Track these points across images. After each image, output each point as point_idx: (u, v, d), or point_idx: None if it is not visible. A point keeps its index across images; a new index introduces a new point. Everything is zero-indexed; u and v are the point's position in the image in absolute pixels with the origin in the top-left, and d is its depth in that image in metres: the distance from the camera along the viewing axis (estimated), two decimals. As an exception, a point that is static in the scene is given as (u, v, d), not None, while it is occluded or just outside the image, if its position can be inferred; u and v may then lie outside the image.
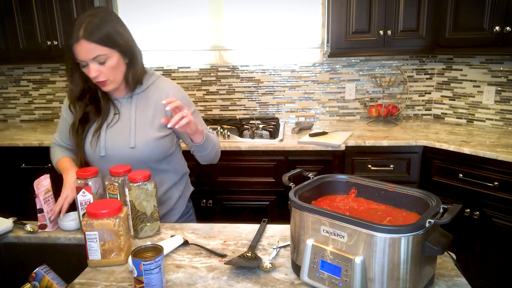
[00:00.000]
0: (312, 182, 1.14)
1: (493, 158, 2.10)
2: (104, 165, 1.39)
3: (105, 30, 1.28)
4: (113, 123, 1.43)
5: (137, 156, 1.40)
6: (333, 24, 2.62)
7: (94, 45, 1.26)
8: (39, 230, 1.33)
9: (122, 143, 1.40)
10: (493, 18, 2.26)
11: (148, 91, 1.45)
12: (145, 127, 1.41)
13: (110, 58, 1.31)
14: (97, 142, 1.41)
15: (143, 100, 1.44)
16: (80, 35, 1.25)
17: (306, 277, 0.98)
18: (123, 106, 1.44)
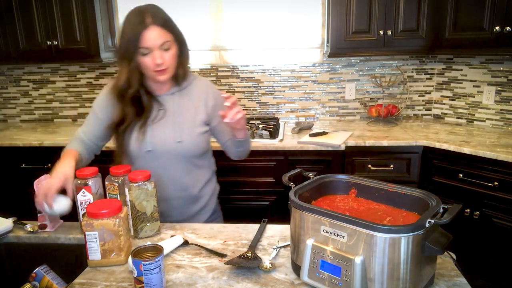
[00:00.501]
0: (312, 182, 1.14)
1: (493, 158, 2.10)
2: (149, 160, 1.43)
3: (168, 18, 1.37)
4: (157, 118, 1.45)
5: (182, 151, 1.44)
6: (333, 24, 2.62)
7: (163, 31, 1.33)
8: (39, 230, 1.33)
9: (168, 137, 1.43)
10: (493, 18, 2.26)
11: (188, 89, 1.50)
12: (189, 123, 1.46)
13: (172, 46, 1.37)
14: (143, 138, 1.42)
15: (184, 97, 1.49)
16: (149, 21, 1.31)
17: (306, 277, 0.98)
18: (167, 102, 1.47)
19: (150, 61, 1.34)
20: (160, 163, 1.44)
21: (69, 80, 3.20)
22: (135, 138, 1.42)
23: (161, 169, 1.43)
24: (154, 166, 1.40)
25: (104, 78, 3.16)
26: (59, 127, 3.06)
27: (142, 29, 1.30)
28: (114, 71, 3.13)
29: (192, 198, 1.52)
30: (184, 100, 1.48)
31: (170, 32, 1.35)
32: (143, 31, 1.30)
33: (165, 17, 1.37)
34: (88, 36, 2.73)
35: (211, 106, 1.51)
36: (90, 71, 3.16)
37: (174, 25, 1.39)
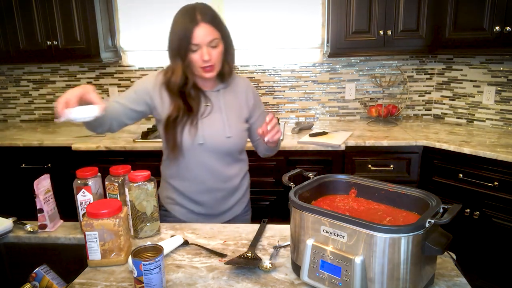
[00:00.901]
0: (312, 182, 1.14)
1: (493, 158, 2.10)
2: (201, 153, 1.48)
3: (217, 16, 1.42)
4: (206, 113, 1.49)
5: (230, 145, 1.50)
6: (333, 24, 2.62)
7: (212, 28, 1.37)
8: (39, 230, 1.33)
9: (218, 132, 1.48)
10: (493, 18, 2.26)
11: (231, 86, 1.56)
12: (234, 119, 1.52)
13: (220, 43, 1.41)
14: (196, 131, 1.45)
15: (228, 94, 1.54)
16: (200, 19, 1.35)
17: (306, 277, 0.98)
18: (213, 99, 1.51)
19: (198, 57, 1.38)
20: (209, 155, 1.49)
21: (69, 80, 3.20)
22: (187, 131, 1.45)
23: (209, 161, 1.49)
24: (203, 159, 1.48)
25: (104, 78, 3.16)
26: (59, 127, 3.06)
27: (193, 26, 1.34)
28: (114, 71, 3.13)
29: (232, 189, 1.57)
30: (229, 97, 1.54)
31: (218, 30, 1.39)
32: (194, 28, 1.34)
33: (214, 14, 1.40)
34: (88, 36, 2.73)
35: (252, 105, 1.58)
36: (90, 71, 3.16)
37: (221, 22, 1.43)
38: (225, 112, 1.51)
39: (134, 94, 1.49)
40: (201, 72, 1.42)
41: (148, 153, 2.49)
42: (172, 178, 1.56)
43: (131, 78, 3.13)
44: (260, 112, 1.63)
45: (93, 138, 2.65)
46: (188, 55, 1.39)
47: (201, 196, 1.53)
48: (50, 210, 1.33)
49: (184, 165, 1.51)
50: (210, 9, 1.41)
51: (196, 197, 1.54)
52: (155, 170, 1.49)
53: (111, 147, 2.49)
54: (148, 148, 2.47)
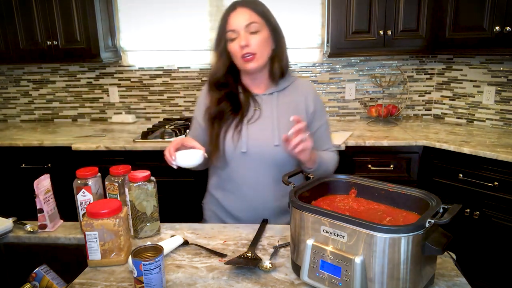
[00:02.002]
0: (312, 182, 1.14)
1: (493, 158, 2.10)
2: (244, 163, 1.35)
3: (262, 4, 1.34)
4: (254, 119, 1.37)
5: (278, 155, 1.34)
6: (333, 24, 2.62)
7: (250, 11, 1.29)
8: (39, 230, 1.33)
9: (265, 140, 1.35)
10: (493, 18, 2.26)
11: (288, 90, 1.42)
12: (288, 126, 1.30)
13: (262, 30, 1.30)
14: (239, 138, 1.34)
15: (283, 99, 1.40)
16: (237, 4, 1.31)
17: (306, 277, 0.98)
18: (264, 103, 1.40)
19: (236, 45, 1.29)
20: (254, 166, 1.35)
21: (69, 80, 3.20)
22: (230, 136, 1.35)
23: (255, 174, 1.35)
24: (248, 170, 1.35)
25: (104, 78, 3.16)
26: (59, 127, 3.06)
27: (230, 11, 1.30)
28: (114, 71, 3.13)
29: (282, 210, 1.39)
30: (283, 101, 1.39)
31: (259, 15, 1.30)
32: (231, 13, 1.30)
33: (257, 2, 1.33)
34: (88, 36, 2.73)
35: (311, 112, 1.41)
36: (90, 71, 3.16)
37: (268, 12, 1.34)
38: (276, 118, 1.36)
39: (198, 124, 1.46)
40: (242, 63, 1.31)
41: (148, 153, 2.49)
42: (215, 189, 1.46)
43: (131, 78, 3.13)
44: (321, 123, 1.43)
45: (93, 138, 2.65)
46: (227, 46, 1.31)
47: (244, 214, 1.39)
48: (50, 210, 1.33)
49: (227, 175, 1.39)
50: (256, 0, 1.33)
51: (238, 214, 1.41)
52: (155, 170, 1.48)
53: (111, 147, 2.49)
54: (148, 148, 2.47)
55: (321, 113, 1.45)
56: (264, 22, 1.31)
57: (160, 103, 3.17)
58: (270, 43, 1.34)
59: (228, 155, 1.36)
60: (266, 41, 1.32)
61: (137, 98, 3.18)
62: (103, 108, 3.24)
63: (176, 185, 2.51)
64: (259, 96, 1.41)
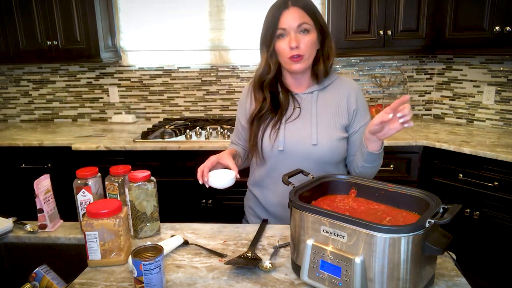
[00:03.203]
0: (312, 182, 1.14)
1: (493, 158, 2.10)
2: (281, 161, 1.36)
3: (312, 4, 1.32)
4: (293, 117, 1.37)
5: (316, 154, 1.34)
6: (333, 24, 2.62)
7: (302, 12, 1.27)
8: (39, 230, 1.33)
9: (303, 139, 1.34)
10: (493, 18, 2.26)
11: (329, 89, 1.40)
12: (327, 125, 1.35)
13: (311, 31, 1.29)
14: (276, 136, 1.35)
15: (324, 97, 1.39)
16: (290, 3, 1.27)
17: (306, 277, 0.98)
18: (304, 102, 1.39)
19: (285, 45, 1.28)
20: (292, 166, 1.32)
21: (69, 80, 3.20)
22: (268, 135, 1.36)
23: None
24: (285, 168, 1.31)
25: (104, 78, 3.16)
26: (59, 127, 3.06)
27: (282, 10, 1.28)
28: (114, 71, 3.13)
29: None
30: (324, 100, 1.38)
31: (310, 16, 1.29)
32: (283, 11, 1.27)
33: (308, 2, 1.31)
34: (88, 36, 2.73)
35: (353, 111, 1.38)
36: (90, 71, 3.16)
37: (317, 12, 1.32)
38: (316, 117, 1.35)
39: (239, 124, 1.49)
40: (288, 63, 1.30)
41: (148, 153, 2.49)
42: (254, 186, 1.47)
43: (131, 78, 3.13)
44: (363, 122, 1.38)
45: (93, 138, 2.65)
46: (274, 43, 1.31)
47: (280, 210, 1.40)
48: (50, 210, 1.33)
49: (265, 172, 1.40)
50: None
51: (275, 210, 1.41)
52: (155, 170, 1.48)
53: (111, 147, 2.49)
54: (148, 148, 2.47)
55: (364, 113, 1.40)
56: (314, 23, 1.30)
57: (160, 103, 3.17)
58: (317, 44, 1.33)
59: (265, 153, 1.38)
60: (314, 43, 1.31)
61: (137, 98, 3.18)
62: (103, 108, 3.24)
63: (176, 185, 2.51)
64: (299, 95, 1.41)
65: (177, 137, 2.56)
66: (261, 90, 1.40)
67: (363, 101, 1.42)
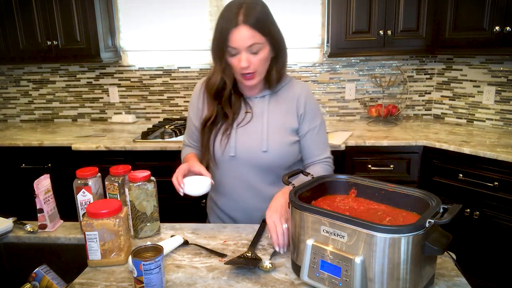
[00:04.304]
0: (312, 182, 1.14)
1: (493, 158, 2.10)
2: (232, 167, 1.35)
3: (265, 18, 1.22)
4: (244, 122, 1.34)
5: (268, 161, 1.32)
6: (333, 24, 2.62)
7: (254, 32, 1.19)
8: (39, 230, 1.33)
9: (253, 145, 1.32)
10: (493, 18, 2.26)
11: (280, 92, 1.37)
12: (278, 130, 1.33)
13: (263, 49, 1.23)
14: (227, 142, 1.33)
15: (276, 101, 1.36)
16: (241, 20, 1.18)
17: (306, 277, 0.98)
18: (256, 106, 1.36)
19: (236, 62, 1.24)
20: (243, 171, 1.34)
21: (69, 80, 3.20)
22: (219, 140, 1.34)
23: (246, 177, 1.34)
24: (238, 173, 1.33)
25: (104, 78, 3.16)
26: (59, 127, 3.06)
27: (232, 27, 1.19)
28: (114, 71, 3.13)
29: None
30: (275, 104, 1.35)
31: (262, 34, 1.21)
32: (232, 29, 1.19)
33: (261, 16, 1.21)
34: (88, 36, 2.73)
35: (301, 114, 1.36)
36: (90, 71, 3.16)
37: (270, 25, 1.24)
38: (267, 122, 1.32)
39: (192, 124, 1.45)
40: (241, 78, 1.28)
41: (148, 153, 2.49)
42: (212, 190, 1.44)
43: (131, 78, 3.13)
44: (310, 127, 1.36)
45: (93, 138, 2.65)
46: (226, 58, 1.25)
47: (237, 214, 1.40)
48: (50, 210, 1.33)
49: (219, 177, 1.39)
50: (259, 9, 1.21)
51: (233, 215, 1.42)
52: (155, 170, 1.48)
53: (111, 147, 2.49)
54: (148, 148, 2.47)
55: (312, 116, 1.37)
56: (266, 38, 1.23)
57: (160, 103, 3.17)
58: (269, 56, 1.28)
59: (217, 158, 1.36)
60: (266, 58, 1.26)
61: (137, 98, 3.18)
62: (103, 108, 3.24)
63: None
64: (251, 99, 1.38)
65: (177, 137, 2.56)
66: (215, 100, 1.35)
67: (313, 105, 1.38)
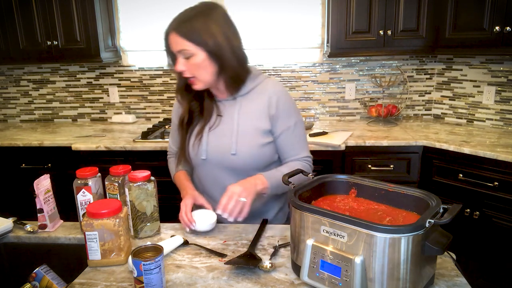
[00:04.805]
0: (312, 182, 1.14)
1: (493, 158, 2.10)
2: (206, 169, 1.38)
3: (195, 26, 1.23)
4: (215, 125, 1.36)
5: (238, 163, 1.33)
6: (333, 24, 2.62)
7: (180, 38, 1.23)
8: (39, 230, 1.33)
9: (223, 148, 1.33)
10: (493, 18, 2.26)
11: (252, 94, 1.36)
12: (248, 133, 1.33)
13: (195, 55, 1.24)
14: (199, 144, 1.36)
15: (246, 103, 1.35)
16: (171, 26, 1.24)
17: (306, 277, 0.98)
18: (226, 109, 1.37)
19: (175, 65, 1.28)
20: (217, 173, 1.36)
21: (69, 80, 3.20)
22: (192, 143, 1.38)
23: (221, 178, 1.36)
24: (211, 175, 1.36)
25: (104, 78, 3.16)
26: (59, 127, 3.06)
27: (167, 32, 1.26)
28: (114, 71, 3.13)
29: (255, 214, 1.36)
30: (246, 106, 1.35)
31: (192, 42, 1.23)
32: (166, 33, 1.26)
33: (193, 25, 1.23)
34: (88, 36, 2.73)
35: (273, 115, 1.34)
36: (90, 71, 3.16)
37: (204, 35, 1.23)
38: (237, 124, 1.33)
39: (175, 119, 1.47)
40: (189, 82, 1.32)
41: (148, 153, 2.49)
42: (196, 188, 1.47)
43: (131, 78, 3.13)
44: (284, 127, 1.35)
45: (93, 138, 2.65)
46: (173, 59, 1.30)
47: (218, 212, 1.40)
48: (50, 210, 1.33)
49: (196, 178, 1.44)
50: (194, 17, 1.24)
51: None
52: (155, 170, 1.48)
53: (111, 147, 2.49)
54: (148, 148, 2.47)
55: (286, 116, 1.35)
56: (197, 46, 1.23)
57: (160, 103, 3.17)
58: (209, 63, 1.26)
59: (191, 161, 1.41)
60: (201, 64, 1.26)
61: (137, 98, 3.18)
62: (103, 108, 3.24)
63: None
64: (222, 102, 1.39)
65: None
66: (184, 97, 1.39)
67: (286, 104, 1.35)
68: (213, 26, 1.26)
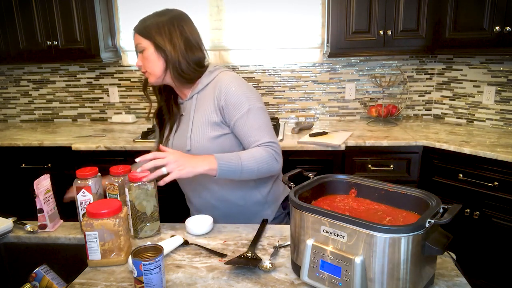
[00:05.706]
0: (312, 182, 1.14)
1: (493, 158, 2.10)
2: None
3: (148, 23, 1.36)
4: (178, 126, 1.46)
5: None
6: (333, 24, 2.62)
7: (136, 35, 1.38)
8: (39, 230, 1.33)
9: (181, 146, 1.39)
10: (493, 18, 2.26)
11: (206, 89, 1.39)
12: (201, 127, 1.36)
13: (146, 49, 1.36)
14: (166, 145, 1.46)
15: (201, 100, 1.40)
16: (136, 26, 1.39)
17: (306, 277, 0.98)
18: (186, 108, 1.45)
19: None
20: None
21: (69, 80, 3.20)
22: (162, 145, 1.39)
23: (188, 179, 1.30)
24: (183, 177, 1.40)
25: (104, 78, 3.16)
26: (59, 127, 3.06)
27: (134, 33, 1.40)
28: (114, 71, 3.13)
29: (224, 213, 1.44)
30: (201, 102, 1.39)
31: (141, 35, 1.36)
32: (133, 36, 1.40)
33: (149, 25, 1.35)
34: (88, 36, 2.73)
35: (222, 106, 1.34)
36: (90, 71, 3.16)
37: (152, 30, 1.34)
38: (192, 121, 1.38)
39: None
40: None
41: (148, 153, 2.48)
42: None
43: (131, 78, 3.13)
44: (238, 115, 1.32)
45: (93, 138, 2.65)
46: None
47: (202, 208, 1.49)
48: (50, 210, 1.33)
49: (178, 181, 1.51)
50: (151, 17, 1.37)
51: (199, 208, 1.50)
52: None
53: (111, 147, 2.49)
54: (148, 148, 2.47)
55: (236, 105, 1.33)
56: (148, 41, 1.35)
57: (160, 103, 3.17)
58: (158, 58, 1.36)
59: None
60: (150, 58, 1.36)
61: (137, 98, 3.18)
62: (103, 108, 3.24)
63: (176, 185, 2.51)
64: (183, 103, 1.47)
65: None
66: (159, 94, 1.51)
67: (235, 94, 1.33)
68: (162, 23, 1.36)
